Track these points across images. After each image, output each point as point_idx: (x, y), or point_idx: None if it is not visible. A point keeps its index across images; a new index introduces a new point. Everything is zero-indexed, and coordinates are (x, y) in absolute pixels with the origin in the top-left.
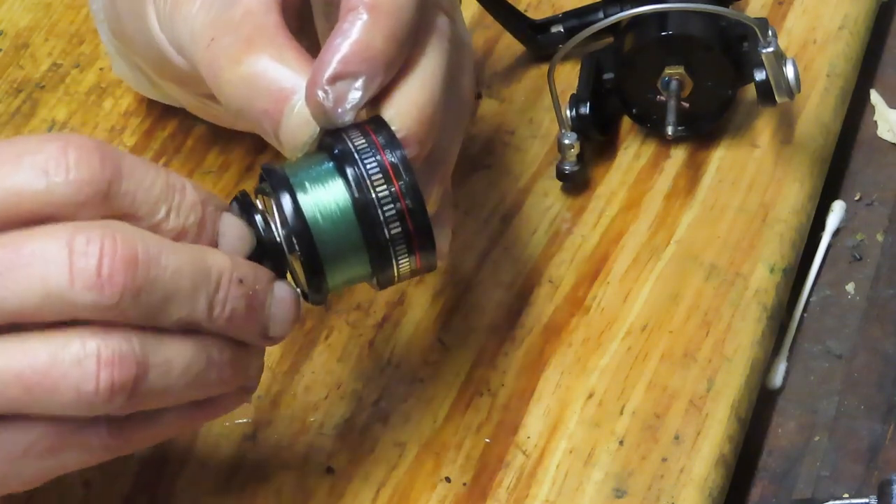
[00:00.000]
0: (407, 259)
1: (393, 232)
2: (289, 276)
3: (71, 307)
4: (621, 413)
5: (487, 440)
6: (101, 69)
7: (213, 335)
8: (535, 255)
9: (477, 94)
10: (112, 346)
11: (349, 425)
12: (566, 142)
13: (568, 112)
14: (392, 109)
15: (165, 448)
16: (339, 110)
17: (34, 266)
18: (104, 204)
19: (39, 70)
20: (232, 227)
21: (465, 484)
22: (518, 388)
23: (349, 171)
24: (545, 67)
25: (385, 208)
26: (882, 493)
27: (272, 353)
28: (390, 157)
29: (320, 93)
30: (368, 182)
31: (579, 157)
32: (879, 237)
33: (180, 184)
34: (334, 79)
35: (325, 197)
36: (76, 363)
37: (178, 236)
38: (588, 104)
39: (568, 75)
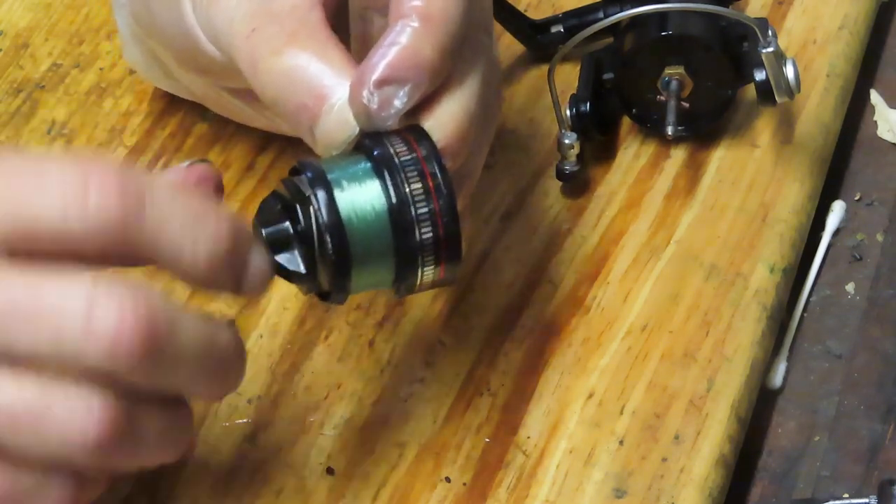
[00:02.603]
0: (432, 268)
1: (424, 238)
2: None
3: (79, 362)
4: (621, 413)
5: (487, 440)
6: (101, 69)
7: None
8: (535, 255)
9: None
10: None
11: (349, 425)
12: (566, 142)
13: (568, 112)
14: (432, 120)
15: None
16: (383, 114)
17: (51, 317)
18: (123, 243)
19: (39, 70)
20: (260, 266)
21: (465, 484)
22: (518, 388)
23: (388, 176)
24: (545, 67)
25: (420, 217)
26: (882, 493)
27: (272, 354)
28: (431, 168)
29: (366, 94)
30: (407, 189)
31: (579, 157)
32: (879, 237)
33: (212, 216)
34: (381, 83)
35: (360, 197)
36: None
37: (205, 273)
38: (588, 104)
39: (568, 75)
